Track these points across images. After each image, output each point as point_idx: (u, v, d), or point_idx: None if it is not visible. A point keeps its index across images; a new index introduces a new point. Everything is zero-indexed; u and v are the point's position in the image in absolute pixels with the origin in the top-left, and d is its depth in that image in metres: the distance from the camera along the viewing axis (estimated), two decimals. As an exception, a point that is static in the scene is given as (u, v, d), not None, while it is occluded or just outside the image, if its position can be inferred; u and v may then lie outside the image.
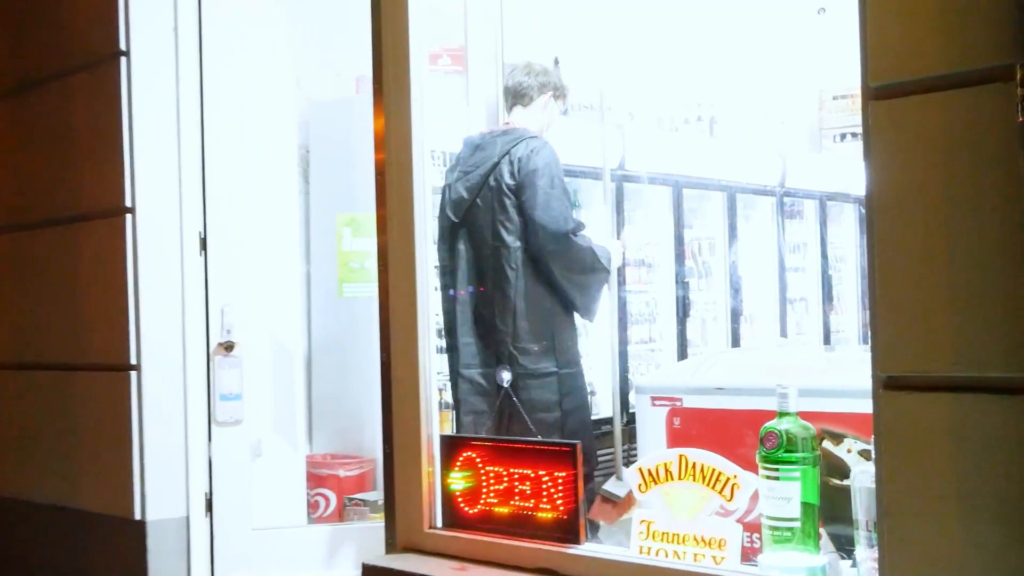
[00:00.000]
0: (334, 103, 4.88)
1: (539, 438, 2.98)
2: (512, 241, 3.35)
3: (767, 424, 2.32)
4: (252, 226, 3.62)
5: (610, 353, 5.32)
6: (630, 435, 5.39)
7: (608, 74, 5.64)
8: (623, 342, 5.43)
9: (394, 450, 2.84)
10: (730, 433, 2.60)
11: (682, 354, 5.80)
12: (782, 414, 2.31)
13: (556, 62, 5.93)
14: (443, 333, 3.52)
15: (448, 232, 3.47)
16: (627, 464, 2.75)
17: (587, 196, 5.72)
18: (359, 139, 4.58)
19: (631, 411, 5.54)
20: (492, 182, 3.42)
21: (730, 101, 6.61)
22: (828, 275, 7.11)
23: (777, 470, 2.27)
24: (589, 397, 4.24)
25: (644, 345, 5.86)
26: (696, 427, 2.70)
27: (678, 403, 2.74)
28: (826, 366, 3.31)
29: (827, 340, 6.96)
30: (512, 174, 3.40)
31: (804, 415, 2.32)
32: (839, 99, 7.69)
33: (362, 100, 4.77)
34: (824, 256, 7.08)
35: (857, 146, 7.70)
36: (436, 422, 2.85)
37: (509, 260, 3.35)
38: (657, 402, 2.79)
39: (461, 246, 3.44)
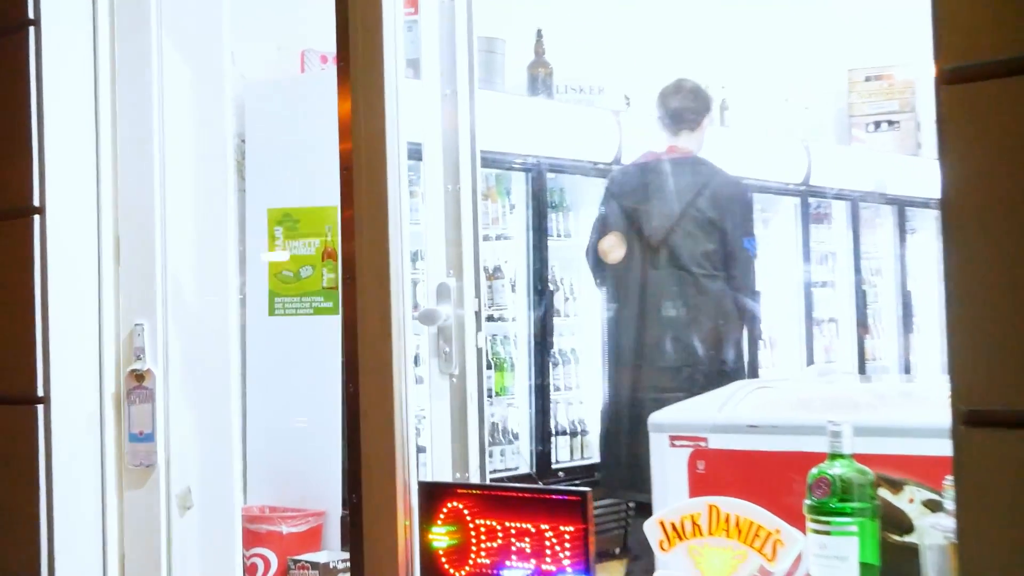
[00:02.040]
0: (275, 83, 4.90)
1: (540, 485, 3.02)
2: (711, 269, 4.31)
3: (817, 468, 2.34)
4: (174, 229, 3.59)
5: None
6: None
7: (602, 49, 5.69)
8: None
9: (363, 500, 2.86)
10: (768, 480, 2.60)
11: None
12: (834, 456, 2.33)
13: (539, 35, 5.99)
14: (614, 355, 4.36)
15: (642, 255, 4.34)
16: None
17: (577, 195, 5.84)
18: (305, 126, 4.59)
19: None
20: (694, 212, 4.34)
21: (745, 83, 6.72)
22: (862, 291, 7.24)
23: (829, 523, 2.27)
24: None
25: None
26: (726, 472, 2.70)
27: (703, 443, 2.75)
28: (873, 400, 3.30)
29: (862, 368, 7.15)
30: (715, 206, 4.35)
31: (858, 458, 2.35)
32: (872, 80, 7.78)
33: (309, 79, 4.80)
34: (857, 268, 7.19)
35: (893, 136, 7.81)
36: (414, 466, 2.88)
37: (711, 287, 4.30)
38: (677, 442, 2.80)
39: (656, 271, 4.34)
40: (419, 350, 4.85)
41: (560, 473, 5.42)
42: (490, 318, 5.32)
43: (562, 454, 5.53)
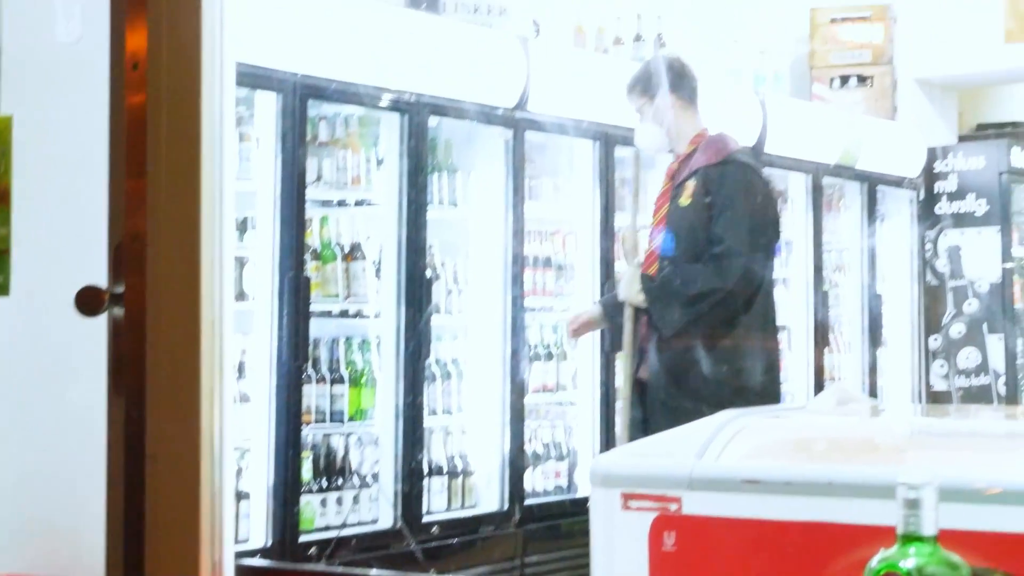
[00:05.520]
0: None
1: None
2: None
3: (880, 557, 1.99)
4: None
5: (498, 407, 5.13)
6: (524, 542, 5.16)
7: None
8: (515, 388, 5.56)
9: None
10: (780, 568, 2.46)
11: (607, 411, 5.66)
12: (908, 539, 2.00)
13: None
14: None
15: None
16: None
17: (469, 149, 5.72)
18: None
19: (525, 503, 5.34)
20: None
21: (686, 16, 6.75)
22: (822, 292, 7.26)
23: (903, 649, 2.04)
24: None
25: (547, 396, 5.95)
26: (712, 553, 2.56)
27: (673, 506, 2.59)
28: (906, 441, 3.11)
29: (818, 388, 7.15)
30: None
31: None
32: (840, 23, 7.82)
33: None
34: (817, 263, 7.23)
35: (864, 95, 7.64)
36: (230, 535, 2.53)
37: None
38: (634, 503, 2.62)
39: None
40: (244, 355, 4.48)
41: (434, 528, 5.24)
42: (344, 314, 5.02)
43: (437, 501, 5.34)
